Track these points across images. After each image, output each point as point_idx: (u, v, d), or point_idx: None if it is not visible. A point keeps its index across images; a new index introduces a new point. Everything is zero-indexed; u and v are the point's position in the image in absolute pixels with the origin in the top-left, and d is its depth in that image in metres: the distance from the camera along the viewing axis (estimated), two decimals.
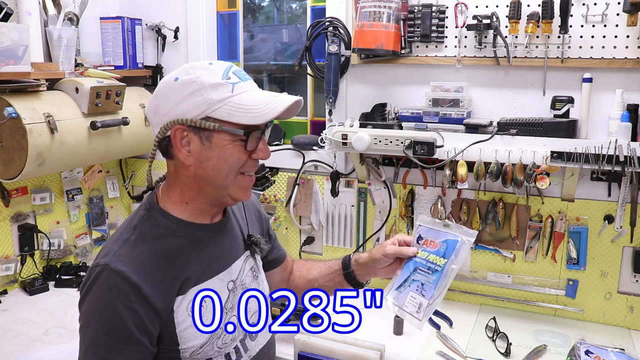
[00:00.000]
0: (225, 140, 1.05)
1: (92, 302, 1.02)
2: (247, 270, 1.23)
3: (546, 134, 1.74)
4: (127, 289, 0.99)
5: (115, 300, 0.99)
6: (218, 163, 1.06)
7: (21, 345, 1.71)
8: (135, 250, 1.04)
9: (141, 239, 1.06)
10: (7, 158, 1.83)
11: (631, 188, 1.75)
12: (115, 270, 0.99)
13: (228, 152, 1.05)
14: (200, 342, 1.08)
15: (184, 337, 1.06)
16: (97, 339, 1.00)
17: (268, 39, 2.58)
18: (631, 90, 1.76)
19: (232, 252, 1.21)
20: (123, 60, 2.38)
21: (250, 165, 1.09)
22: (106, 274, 1.00)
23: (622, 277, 1.86)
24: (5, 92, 1.79)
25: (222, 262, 1.17)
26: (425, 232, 1.31)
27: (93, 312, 1.02)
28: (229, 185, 1.08)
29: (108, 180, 2.57)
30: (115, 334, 0.99)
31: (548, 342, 1.74)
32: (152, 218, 1.10)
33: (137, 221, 1.09)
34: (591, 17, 1.74)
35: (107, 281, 1.00)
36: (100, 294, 1.01)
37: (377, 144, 1.88)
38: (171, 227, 1.10)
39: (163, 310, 1.03)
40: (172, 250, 1.07)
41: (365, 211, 2.21)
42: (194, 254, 1.10)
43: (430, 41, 1.97)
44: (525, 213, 1.94)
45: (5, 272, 2.09)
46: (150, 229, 1.08)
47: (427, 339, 1.79)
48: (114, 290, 0.99)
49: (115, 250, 1.04)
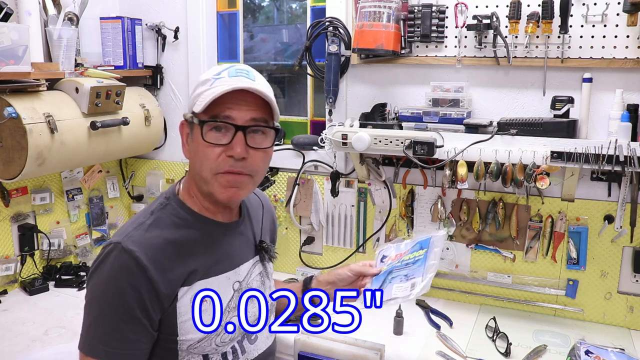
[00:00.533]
0: (198, 133, 1.07)
1: (100, 279, 1.04)
2: (255, 274, 1.23)
3: (546, 134, 1.74)
4: (135, 269, 1.01)
5: (122, 278, 1.01)
6: (196, 157, 1.09)
7: (21, 345, 1.71)
8: (148, 234, 1.06)
9: (156, 224, 1.08)
10: (7, 158, 1.83)
11: (631, 188, 1.75)
12: (125, 249, 1.01)
13: (201, 147, 1.06)
14: (198, 336, 1.08)
15: (183, 329, 1.07)
16: (100, 314, 1.02)
17: (268, 39, 2.58)
18: (631, 90, 1.76)
19: (241, 253, 1.21)
20: (123, 60, 2.38)
21: (223, 163, 1.06)
22: (117, 252, 1.02)
23: (622, 277, 1.86)
24: (5, 92, 1.79)
25: (231, 261, 1.17)
26: (389, 250, 1.32)
27: (100, 288, 1.03)
28: (210, 182, 1.08)
29: (108, 180, 2.57)
30: (119, 311, 1.01)
31: (548, 342, 1.74)
32: (170, 207, 1.12)
33: (155, 207, 1.13)
34: (591, 17, 1.74)
35: (117, 259, 1.02)
36: (108, 271, 1.03)
37: (377, 144, 1.88)
38: (186, 218, 1.12)
39: (167, 296, 1.04)
40: (184, 240, 1.09)
41: (365, 211, 2.21)
42: (204, 248, 1.12)
43: (430, 41, 1.97)
44: (525, 213, 1.94)
45: (5, 272, 2.08)
46: (166, 217, 1.10)
47: (427, 339, 1.79)
48: (122, 269, 1.01)
49: (129, 231, 1.06)
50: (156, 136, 2.47)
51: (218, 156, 1.06)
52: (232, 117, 1.05)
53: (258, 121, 1.08)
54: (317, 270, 2.30)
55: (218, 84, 1.05)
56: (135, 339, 1.03)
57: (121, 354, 1.02)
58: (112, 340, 1.01)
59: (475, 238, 2.03)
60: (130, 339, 1.02)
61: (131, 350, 1.03)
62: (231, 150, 1.05)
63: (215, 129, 1.06)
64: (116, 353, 1.02)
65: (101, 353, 1.01)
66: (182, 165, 2.55)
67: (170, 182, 2.57)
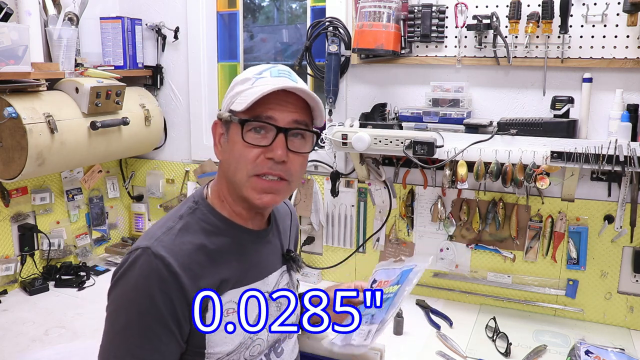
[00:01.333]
0: (236, 133, 1.01)
1: (128, 285, 0.96)
2: (283, 284, 1.19)
3: (546, 134, 1.74)
4: (167, 276, 0.94)
5: (152, 284, 0.94)
6: (231, 158, 1.03)
7: (21, 345, 1.71)
8: (178, 239, 0.99)
9: (186, 229, 1.02)
10: (7, 158, 1.83)
11: (631, 188, 1.75)
12: (156, 254, 0.95)
13: (239, 147, 1.01)
14: (228, 349, 1.03)
15: (212, 341, 1.01)
16: (129, 323, 0.94)
17: (268, 39, 2.59)
18: (631, 90, 1.76)
19: (270, 263, 1.16)
20: (123, 60, 2.38)
21: (261, 165, 1.01)
22: (146, 257, 0.95)
23: (622, 277, 1.86)
24: (5, 92, 1.79)
25: (260, 271, 1.12)
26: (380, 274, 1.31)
27: (127, 295, 0.96)
28: (245, 186, 1.02)
29: (108, 180, 2.57)
30: (149, 319, 0.94)
31: (548, 342, 1.74)
32: (199, 211, 1.06)
33: (184, 211, 1.06)
34: (591, 17, 1.74)
35: (147, 265, 0.95)
36: (137, 277, 0.95)
37: (377, 144, 1.88)
38: (216, 224, 1.06)
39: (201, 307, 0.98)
40: (215, 247, 1.03)
41: (365, 211, 2.21)
42: (235, 256, 1.06)
43: (430, 41, 1.97)
44: (525, 213, 1.94)
45: (5, 272, 2.08)
46: (195, 222, 1.04)
47: (427, 339, 1.79)
48: (153, 274, 0.94)
49: (158, 235, 0.99)
50: (156, 136, 2.47)
51: (256, 157, 1.00)
52: (275, 117, 1.00)
53: (300, 124, 1.03)
54: (317, 271, 2.29)
55: (260, 83, 1.01)
56: (165, 350, 0.96)
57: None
58: (142, 350, 0.94)
59: (475, 238, 2.03)
60: (160, 350, 0.95)
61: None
62: (271, 152, 0.99)
63: (254, 129, 1.00)
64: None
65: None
66: (182, 165, 2.55)
67: (170, 182, 2.57)
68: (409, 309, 1.99)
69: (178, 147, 2.56)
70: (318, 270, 2.30)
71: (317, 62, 2.18)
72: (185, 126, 2.53)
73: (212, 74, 2.51)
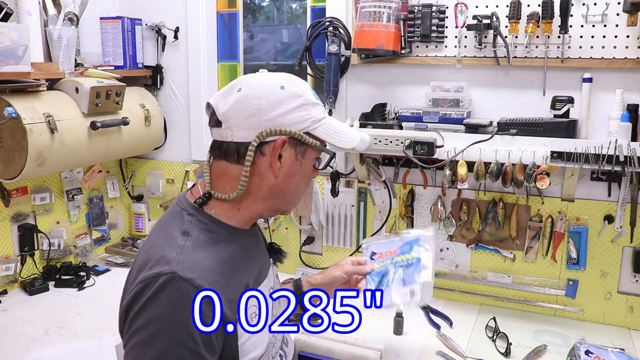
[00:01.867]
0: (312, 158, 1.10)
1: (158, 314, 0.92)
2: (274, 277, 1.23)
3: (546, 134, 1.74)
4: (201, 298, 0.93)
5: (186, 309, 0.91)
6: (302, 179, 1.10)
7: (21, 345, 1.71)
8: (197, 256, 0.97)
9: (198, 244, 1.00)
10: (7, 158, 1.83)
11: (631, 188, 1.75)
12: (184, 279, 0.92)
13: (309, 170, 1.11)
14: (259, 352, 1.04)
15: (245, 350, 1.01)
16: (165, 351, 0.91)
17: (268, 39, 2.59)
18: (631, 90, 1.76)
19: (264, 259, 1.21)
20: (123, 60, 2.38)
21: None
22: (175, 283, 0.91)
23: (622, 277, 1.86)
24: (5, 92, 1.79)
25: (263, 269, 1.16)
26: (377, 247, 1.32)
27: (159, 325, 0.91)
28: (294, 204, 1.14)
29: (108, 180, 2.57)
30: (182, 350, 0.91)
31: (548, 342, 1.74)
32: (200, 223, 1.04)
33: (186, 226, 1.03)
34: (591, 17, 1.74)
35: (176, 289, 0.91)
36: (168, 304, 0.91)
37: (377, 144, 1.87)
38: (221, 232, 1.05)
39: (231, 319, 0.97)
40: (230, 256, 1.03)
41: (365, 211, 2.21)
42: (246, 260, 1.08)
43: (430, 41, 1.97)
44: (525, 213, 1.94)
45: (5, 272, 2.08)
46: (203, 235, 1.02)
47: (427, 339, 1.79)
48: (185, 299, 0.91)
49: (175, 257, 0.95)
50: (156, 136, 2.47)
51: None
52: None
53: None
54: (317, 271, 2.29)
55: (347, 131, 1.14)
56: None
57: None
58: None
59: (475, 238, 2.03)
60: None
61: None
62: (317, 173, 1.15)
63: (317, 159, 1.12)
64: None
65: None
66: (182, 165, 2.55)
67: (170, 182, 2.57)
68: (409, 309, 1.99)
69: (178, 147, 2.56)
70: (318, 271, 2.30)
71: (317, 62, 2.18)
72: (185, 126, 2.53)
73: (212, 74, 2.51)
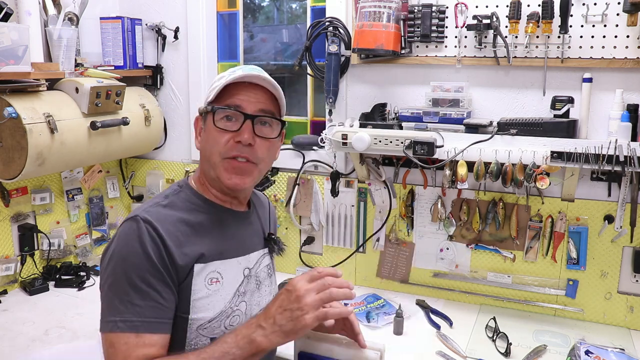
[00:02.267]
0: (210, 121, 1.14)
1: (115, 248, 1.05)
2: (264, 265, 1.26)
3: (546, 134, 1.74)
4: (155, 236, 1.04)
5: (144, 243, 1.02)
6: (207, 144, 1.16)
7: (21, 345, 1.71)
8: (164, 211, 1.10)
9: (171, 206, 1.13)
10: (7, 158, 1.83)
11: (631, 188, 1.74)
12: (144, 219, 1.05)
13: (212, 133, 1.13)
14: (210, 315, 1.10)
15: (196, 307, 1.08)
16: (116, 281, 1.02)
17: (268, 39, 2.59)
18: (631, 90, 1.76)
19: (252, 242, 1.25)
20: (123, 60, 2.38)
21: (231, 148, 1.12)
22: (134, 223, 1.05)
23: (622, 277, 1.86)
24: (5, 92, 1.79)
25: (243, 248, 1.21)
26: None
27: (122, 260, 1.03)
28: (217, 167, 1.14)
29: (108, 180, 2.57)
30: (146, 276, 1.01)
31: (548, 342, 1.74)
32: (183, 193, 1.18)
33: (169, 192, 1.18)
34: (591, 17, 1.74)
35: (136, 228, 1.04)
36: (126, 236, 1.05)
37: (377, 144, 1.87)
38: (199, 203, 1.17)
39: (182, 268, 1.06)
40: (197, 222, 1.13)
41: (365, 211, 2.21)
42: (217, 231, 1.16)
43: (430, 41, 1.97)
44: (525, 213, 1.94)
45: (5, 272, 2.08)
46: (180, 201, 1.15)
47: (427, 339, 1.79)
48: (144, 235, 1.03)
49: (145, 208, 1.10)
50: (156, 136, 2.47)
51: (227, 142, 1.12)
52: (242, 106, 1.13)
53: (266, 112, 1.15)
54: None
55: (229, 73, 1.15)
56: (166, 306, 1.03)
57: (159, 322, 1.02)
58: (148, 309, 1.01)
59: (475, 238, 2.03)
60: (162, 306, 1.02)
61: (166, 319, 1.04)
62: (239, 136, 1.11)
63: (226, 117, 1.13)
64: (154, 322, 1.01)
65: (143, 325, 1.00)
66: (182, 165, 2.55)
67: (170, 182, 2.57)
68: (409, 309, 1.99)
69: (178, 147, 2.56)
70: None
71: (317, 62, 2.18)
72: (185, 126, 2.53)
73: (212, 74, 2.51)
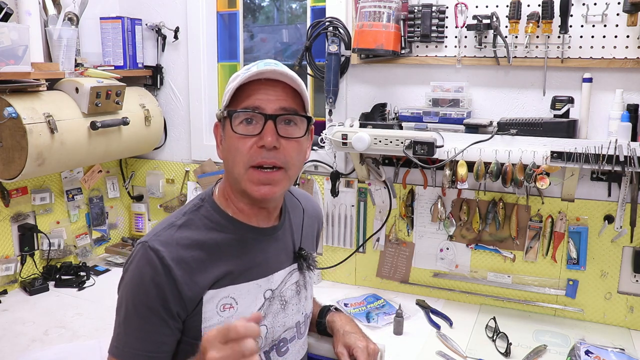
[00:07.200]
0: (228, 128, 1.04)
1: (127, 279, 1.04)
2: (290, 283, 1.18)
3: (546, 134, 1.74)
4: (159, 268, 1.00)
5: (146, 276, 1.00)
6: (228, 153, 1.06)
7: (21, 345, 1.71)
8: (177, 234, 1.05)
9: (187, 225, 1.07)
10: (7, 158, 1.83)
11: (631, 188, 1.74)
12: (151, 248, 1.01)
13: (232, 140, 1.04)
14: None
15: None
16: (127, 316, 1.02)
17: (268, 39, 2.59)
18: (631, 90, 1.76)
19: (277, 261, 1.16)
20: (123, 60, 2.38)
21: (255, 155, 1.02)
22: (142, 250, 1.02)
23: (622, 277, 1.86)
24: (5, 92, 1.79)
25: (264, 269, 1.12)
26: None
27: (127, 289, 1.03)
28: (243, 178, 1.04)
29: (108, 180, 2.57)
30: (144, 312, 1.00)
31: (548, 342, 1.74)
32: (203, 208, 1.10)
33: (188, 208, 1.11)
34: (591, 17, 1.74)
35: (143, 258, 1.02)
36: (133, 271, 1.02)
37: (377, 144, 1.87)
38: (219, 221, 1.09)
39: (190, 299, 1.01)
40: (214, 243, 1.06)
41: (365, 211, 2.21)
42: (235, 253, 1.08)
43: (430, 41, 1.97)
44: (525, 213, 1.94)
45: (5, 272, 2.08)
46: (198, 219, 1.08)
47: (427, 339, 1.79)
48: (147, 267, 1.00)
49: (158, 231, 1.06)
50: (156, 136, 2.47)
51: (250, 148, 1.02)
52: (261, 107, 1.02)
53: (287, 110, 1.04)
54: (317, 271, 2.29)
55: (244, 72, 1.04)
56: (159, 341, 1.01)
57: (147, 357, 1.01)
58: (139, 342, 1.01)
59: (475, 238, 2.03)
60: (155, 341, 1.01)
61: (156, 352, 1.02)
62: (262, 140, 1.01)
63: (245, 121, 1.03)
64: (141, 355, 1.01)
65: (128, 356, 1.01)
66: (182, 166, 2.55)
67: (170, 182, 2.57)
68: (409, 309, 1.99)
69: (178, 147, 2.56)
70: (318, 270, 2.30)
71: (317, 62, 2.18)
72: (185, 126, 2.53)
73: (212, 74, 2.51)
